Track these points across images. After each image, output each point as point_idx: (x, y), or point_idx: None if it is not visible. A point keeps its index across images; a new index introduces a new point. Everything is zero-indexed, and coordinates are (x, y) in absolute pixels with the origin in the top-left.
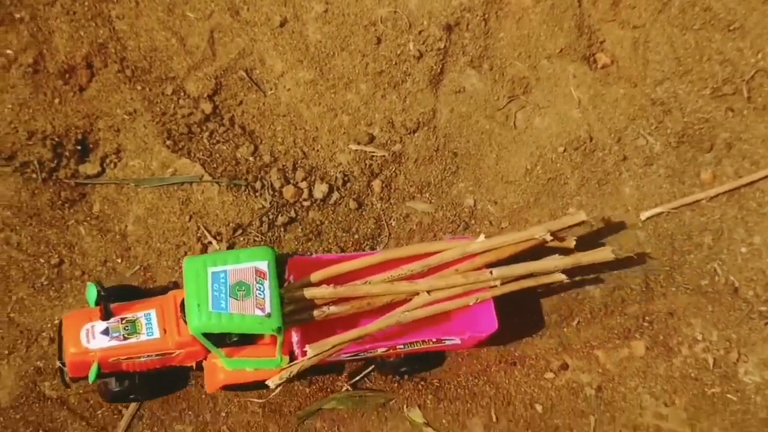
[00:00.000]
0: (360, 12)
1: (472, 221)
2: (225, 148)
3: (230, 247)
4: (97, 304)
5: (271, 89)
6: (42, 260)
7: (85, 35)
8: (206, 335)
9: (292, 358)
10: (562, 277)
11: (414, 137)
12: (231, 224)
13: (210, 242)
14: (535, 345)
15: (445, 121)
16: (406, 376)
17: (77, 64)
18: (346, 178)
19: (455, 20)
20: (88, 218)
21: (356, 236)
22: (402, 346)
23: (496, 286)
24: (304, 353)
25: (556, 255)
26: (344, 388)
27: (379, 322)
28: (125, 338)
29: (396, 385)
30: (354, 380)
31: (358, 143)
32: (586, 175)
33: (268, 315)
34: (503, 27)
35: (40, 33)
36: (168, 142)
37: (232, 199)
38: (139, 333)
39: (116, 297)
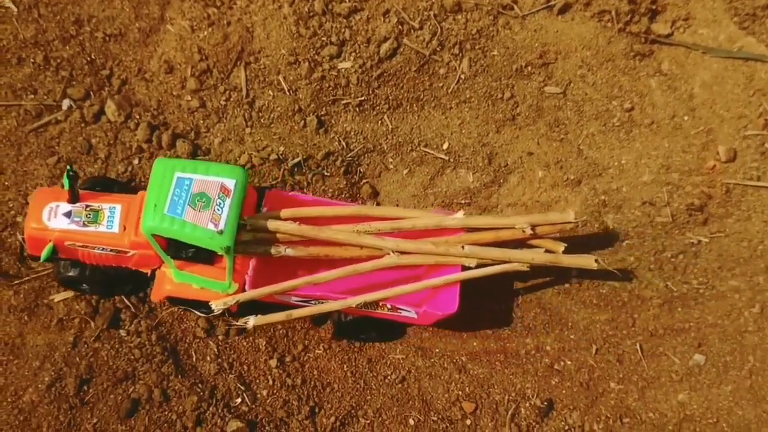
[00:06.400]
0: None
1: None
2: None
3: None
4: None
5: None
6: (614, 102)
7: None
8: (165, 242)
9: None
10: (524, 266)
11: None
12: None
13: None
14: None
15: None
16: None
17: None
18: None
19: None
20: (657, 73)
21: None
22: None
23: (469, 267)
24: (253, 285)
25: (542, 249)
26: None
27: (333, 272)
28: (85, 225)
29: None
30: None
31: None
32: None
33: (220, 232)
34: None
35: None
36: (735, 19)
37: None
38: (99, 223)
39: (99, 187)
